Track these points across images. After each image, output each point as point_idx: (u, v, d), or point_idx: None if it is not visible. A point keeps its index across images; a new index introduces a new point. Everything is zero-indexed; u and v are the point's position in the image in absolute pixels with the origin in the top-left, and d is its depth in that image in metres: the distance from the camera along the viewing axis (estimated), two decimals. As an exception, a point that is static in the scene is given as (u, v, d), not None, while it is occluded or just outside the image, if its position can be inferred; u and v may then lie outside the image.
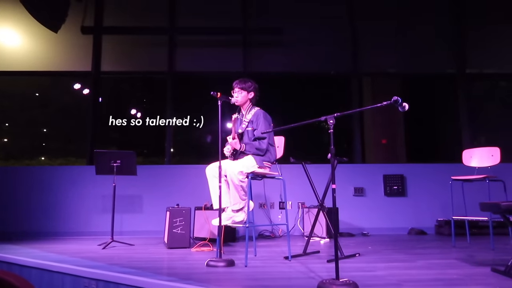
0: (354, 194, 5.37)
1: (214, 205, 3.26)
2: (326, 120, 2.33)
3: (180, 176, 5.33)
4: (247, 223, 3.05)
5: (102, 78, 6.03)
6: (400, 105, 2.29)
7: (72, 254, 3.34)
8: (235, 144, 3.21)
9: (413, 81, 6.36)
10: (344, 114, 2.40)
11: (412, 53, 6.16)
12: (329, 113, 2.35)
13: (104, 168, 4.17)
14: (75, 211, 5.19)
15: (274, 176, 3.28)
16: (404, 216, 5.30)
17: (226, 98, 3.13)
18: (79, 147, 5.96)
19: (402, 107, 2.29)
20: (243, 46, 6.12)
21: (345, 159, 3.68)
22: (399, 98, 2.26)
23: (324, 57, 6.16)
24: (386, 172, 5.42)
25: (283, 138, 3.77)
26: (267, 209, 5.27)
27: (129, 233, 5.07)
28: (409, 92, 6.31)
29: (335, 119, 2.32)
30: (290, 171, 4.50)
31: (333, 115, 2.33)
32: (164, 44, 6.15)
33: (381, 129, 6.39)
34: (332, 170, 2.35)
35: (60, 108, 6.26)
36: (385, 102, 2.30)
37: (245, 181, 3.06)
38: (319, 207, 3.52)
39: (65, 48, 5.99)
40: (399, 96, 2.26)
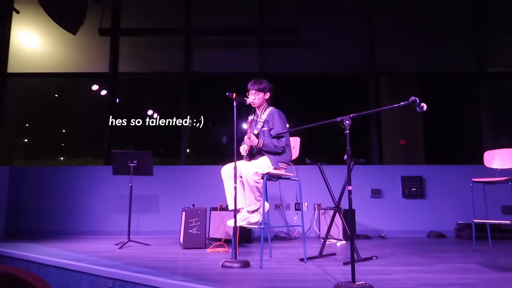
0: (371, 196, 5.31)
1: (229, 206, 3.27)
2: (342, 121, 2.31)
3: (196, 177, 5.37)
4: (262, 224, 3.06)
5: (119, 79, 6.13)
6: (418, 106, 2.26)
7: (89, 253, 3.40)
8: (252, 141, 3.20)
9: (432, 80, 6.26)
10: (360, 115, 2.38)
11: (430, 51, 6.05)
12: (345, 113, 2.34)
13: (121, 168, 4.24)
14: (93, 211, 5.29)
15: (290, 177, 3.27)
16: (423, 218, 5.21)
17: (242, 99, 3.14)
18: (97, 148, 6.07)
19: (420, 107, 2.26)
20: (258, 46, 6.13)
21: (362, 160, 3.65)
22: (417, 98, 2.23)
23: (340, 56, 6.12)
24: (404, 173, 5.35)
25: (298, 139, 3.76)
26: (282, 210, 5.26)
27: (145, 233, 5.13)
28: (427, 92, 6.21)
29: (351, 119, 2.31)
30: (306, 172, 4.48)
31: (349, 116, 2.32)
32: (179, 45, 6.21)
33: (399, 130, 6.30)
34: (349, 171, 2.34)
35: (79, 109, 6.39)
36: (402, 103, 2.27)
37: (261, 182, 3.07)
38: (335, 208, 3.50)
39: (83, 50, 6.11)
40: (417, 96, 2.23)
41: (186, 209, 4.02)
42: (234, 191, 2.94)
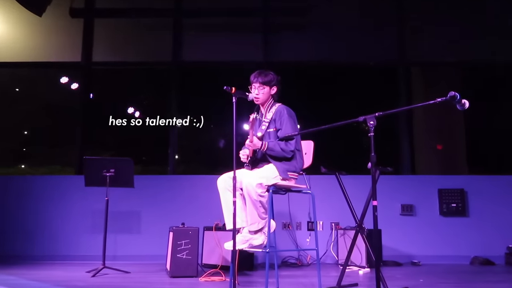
0: (402, 213, 5.29)
1: (227, 225, 3.26)
2: (366, 121, 2.31)
3: (186, 189, 5.36)
4: (267, 247, 3.04)
5: (94, 70, 6.16)
6: (459, 102, 2.25)
7: (56, 283, 3.40)
8: (254, 145, 3.18)
9: (476, 72, 6.24)
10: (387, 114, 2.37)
11: (474, 36, 6.05)
12: (369, 112, 2.33)
13: (96, 178, 4.24)
14: (61, 231, 5.28)
15: (301, 189, 3.26)
16: (465, 241, 5.18)
17: (243, 94, 3.13)
18: (66, 153, 6.09)
19: (461, 104, 2.26)
20: (262, 31, 6.14)
21: (390, 169, 3.64)
22: (457, 94, 2.23)
23: (362, 43, 6.12)
24: (442, 185, 5.32)
25: (312, 143, 3.74)
26: (292, 230, 5.24)
27: (124, 257, 5.12)
28: (470, 86, 6.20)
29: (376, 119, 2.30)
30: (321, 183, 4.47)
31: (374, 115, 2.31)
32: (168, 29, 6.23)
33: (435, 132, 6.29)
34: (373, 182, 2.32)
35: (44, 105, 6.42)
36: (439, 99, 2.27)
37: (265, 196, 3.05)
38: (357, 228, 3.48)
39: (51, 35, 6.15)
40: (458, 91, 2.23)
41: (174, 228, 4.01)
42: (233, 206, 2.93)
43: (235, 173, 2.94)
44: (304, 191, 3.28)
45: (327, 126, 2.67)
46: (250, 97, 3.26)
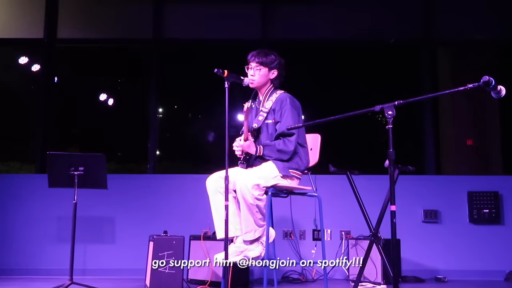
0: (424, 220, 5.31)
1: (218, 233, 3.28)
2: (383, 111, 2.32)
3: (170, 191, 5.37)
4: (265, 259, 3.06)
5: (59, 49, 6.13)
6: (494, 89, 2.26)
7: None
8: (248, 147, 3.21)
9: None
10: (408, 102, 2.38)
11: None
12: (387, 100, 2.34)
13: (61, 177, 4.23)
14: (21, 240, 5.27)
15: (306, 191, 3.28)
16: (500, 253, 5.21)
17: (237, 78, 3.14)
18: (26, 148, 6.08)
19: (497, 91, 2.27)
20: (261, 2, 6.13)
21: (411, 168, 3.65)
22: (491, 79, 2.23)
23: (379, 18, 6.12)
24: (472, 188, 5.35)
25: (318, 137, 3.76)
26: (295, 240, 5.26)
27: (95, 271, 5.13)
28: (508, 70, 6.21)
29: (395, 109, 2.31)
30: (329, 184, 4.49)
31: (392, 104, 2.32)
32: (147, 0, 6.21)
33: (465, 125, 6.31)
34: (392, 184, 2.34)
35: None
36: (470, 85, 2.27)
37: (263, 199, 3.07)
38: (371, 238, 3.51)
39: (7, 6, 6.11)
40: (493, 76, 2.24)
41: (154, 237, 4.02)
42: (225, 211, 2.95)
43: (227, 172, 2.95)
44: (309, 193, 3.29)
45: (337, 116, 2.68)
46: (245, 82, 3.26)
